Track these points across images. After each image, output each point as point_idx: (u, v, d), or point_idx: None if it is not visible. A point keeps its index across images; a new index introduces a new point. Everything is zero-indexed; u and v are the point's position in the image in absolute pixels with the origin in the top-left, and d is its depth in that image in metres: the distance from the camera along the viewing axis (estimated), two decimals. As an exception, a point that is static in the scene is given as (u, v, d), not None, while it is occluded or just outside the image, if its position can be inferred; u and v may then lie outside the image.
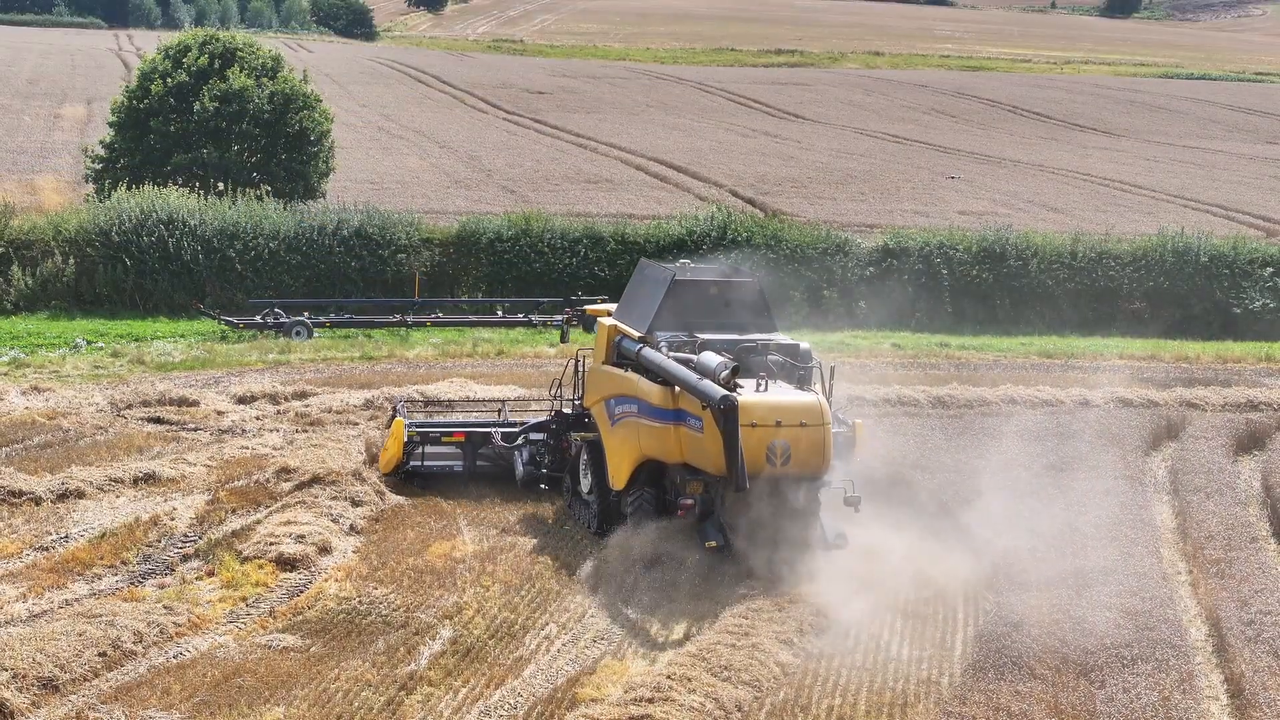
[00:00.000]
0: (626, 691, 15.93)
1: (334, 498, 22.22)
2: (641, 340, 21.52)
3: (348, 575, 19.51)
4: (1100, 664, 17.14)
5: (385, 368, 32.96)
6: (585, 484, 22.58)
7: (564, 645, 17.66)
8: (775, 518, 19.88)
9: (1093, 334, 40.81)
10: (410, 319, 37.67)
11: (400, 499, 23.01)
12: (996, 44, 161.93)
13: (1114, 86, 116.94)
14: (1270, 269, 42.88)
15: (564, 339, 36.29)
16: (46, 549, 20.02)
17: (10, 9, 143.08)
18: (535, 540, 21.40)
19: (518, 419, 24.96)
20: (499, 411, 25.83)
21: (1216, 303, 42.49)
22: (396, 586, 19.15)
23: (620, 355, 22.03)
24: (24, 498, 21.89)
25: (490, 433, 24.29)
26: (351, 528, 21.44)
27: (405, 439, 23.92)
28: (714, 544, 19.85)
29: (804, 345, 21.68)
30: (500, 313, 39.38)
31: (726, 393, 19.20)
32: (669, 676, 16.20)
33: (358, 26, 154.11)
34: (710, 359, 20.16)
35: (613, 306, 23.83)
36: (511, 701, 16.01)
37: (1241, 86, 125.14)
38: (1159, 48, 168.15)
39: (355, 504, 22.22)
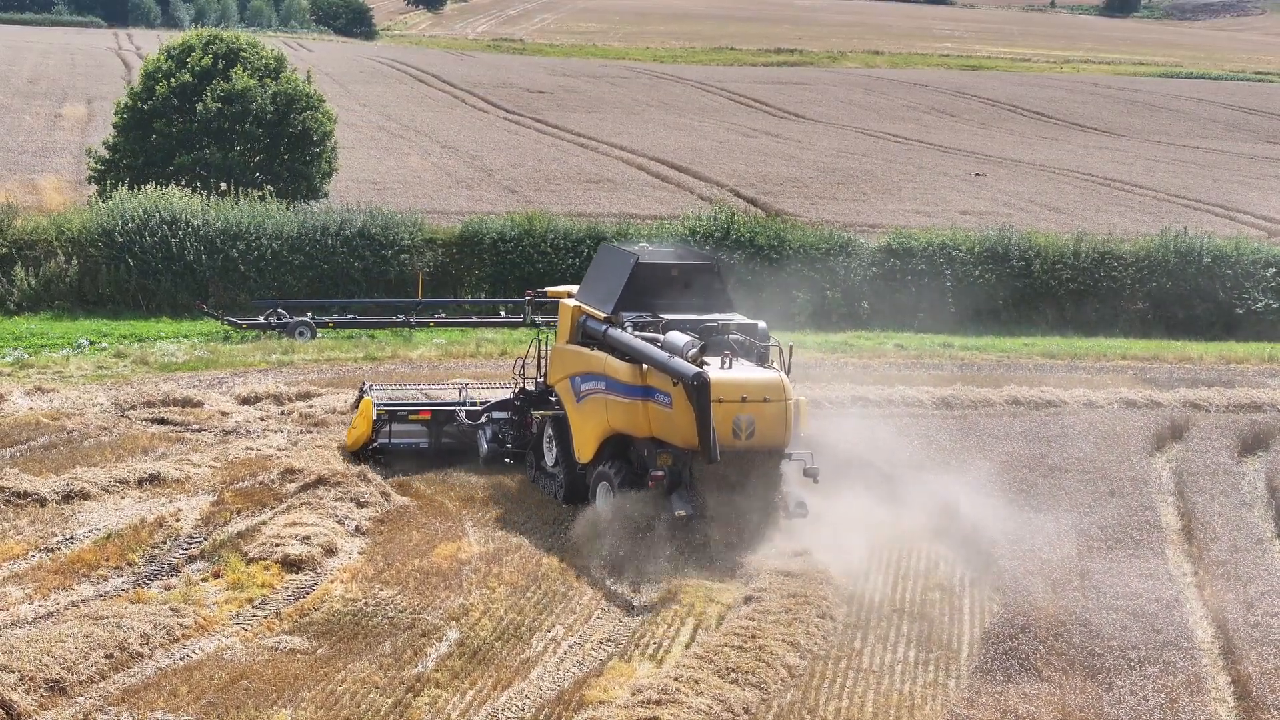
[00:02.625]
0: (634, 694, 15.93)
1: (339, 499, 22.22)
2: (607, 321, 22.56)
3: (354, 577, 19.51)
4: (1107, 666, 17.17)
5: (389, 368, 32.93)
6: (550, 458, 23.82)
7: (571, 647, 17.66)
8: (741, 489, 20.86)
9: (1096, 334, 40.79)
10: (413, 319, 37.65)
11: (405, 500, 23.00)
12: (996, 43, 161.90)
13: (1114, 86, 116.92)
14: (1273, 269, 42.81)
15: (526, 320, 36.69)
16: (52, 550, 20.00)
17: (10, 8, 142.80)
18: (541, 541, 21.40)
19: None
20: (460, 390, 26.78)
21: (1219, 303, 42.46)
22: (403, 588, 19.15)
23: (585, 335, 23.11)
24: (29, 499, 21.84)
25: (455, 411, 25.43)
26: (357, 529, 21.44)
27: (374, 417, 24.85)
28: (683, 513, 20.78)
29: (761, 325, 22.75)
30: (503, 313, 39.35)
31: (699, 370, 20.29)
32: (676, 679, 16.21)
33: (357, 25, 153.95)
34: (678, 338, 21.24)
35: (574, 288, 24.91)
36: (519, 704, 16.00)
37: (1241, 86, 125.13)
38: (1158, 47, 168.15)
39: (360, 505, 22.22)
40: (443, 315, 38.76)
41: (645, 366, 21.35)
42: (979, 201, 56.26)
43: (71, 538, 20.47)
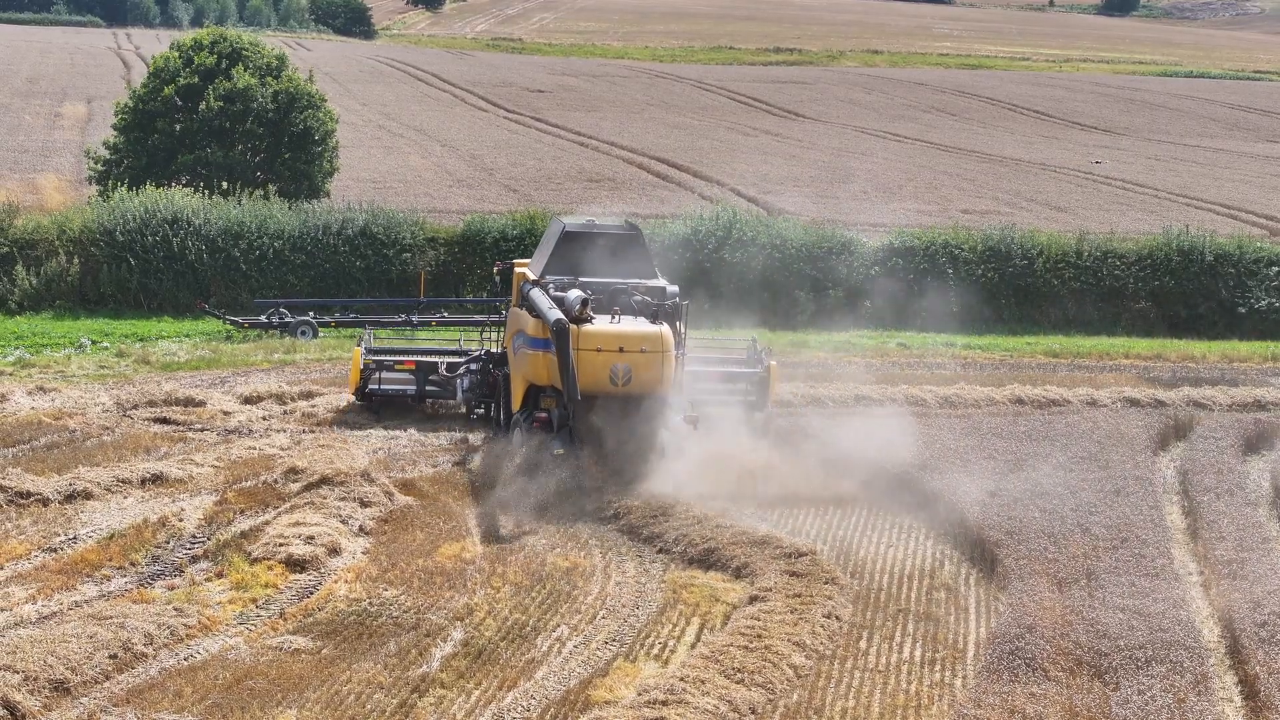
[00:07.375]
0: (640, 694, 15.89)
1: (342, 499, 22.14)
2: (534, 283, 24.78)
3: (358, 576, 19.46)
4: (1114, 666, 17.10)
5: (390, 367, 32.82)
6: (502, 411, 26.28)
7: (576, 647, 17.60)
8: (619, 430, 22.92)
9: (1098, 333, 40.73)
10: (415, 318, 37.54)
11: (409, 499, 22.95)
12: (995, 42, 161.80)
13: (1113, 85, 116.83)
14: (1276, 268, 42.74)
15: (497, 291, 36.77)
16: (55, 550, 19.95)
17: (9, 8, 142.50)
18: (545, 541, 21.35)
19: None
20: (458, 342, 29.84)
21: (1222, 302, 42.42)
22: (407, 588, 19.10)
23: (522, 297, 25.25)
24: (31, 499, 21.81)
25: (437, 362, 28.27)
26: (360, 529, 21.37)
27: (361, 365, 27.73)
28: (560, 451, 22.93)
29: (671, 288, 24.88)
30: (504, 312, 39.21)
31: (559, 317, 22.33)
32: (682, 679, 16.16)
33: (356, 25, 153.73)
34: (572, 295, 23.38)
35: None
36: (524, 704, 15.95)
37: (1241, 84, 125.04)
38: (1158, 46, 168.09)
39: (364, 505, 22.14)
40: (445, 314, 38.66)
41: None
42: (980, 200, 56.20)
43: (74, 538, 20.42)
